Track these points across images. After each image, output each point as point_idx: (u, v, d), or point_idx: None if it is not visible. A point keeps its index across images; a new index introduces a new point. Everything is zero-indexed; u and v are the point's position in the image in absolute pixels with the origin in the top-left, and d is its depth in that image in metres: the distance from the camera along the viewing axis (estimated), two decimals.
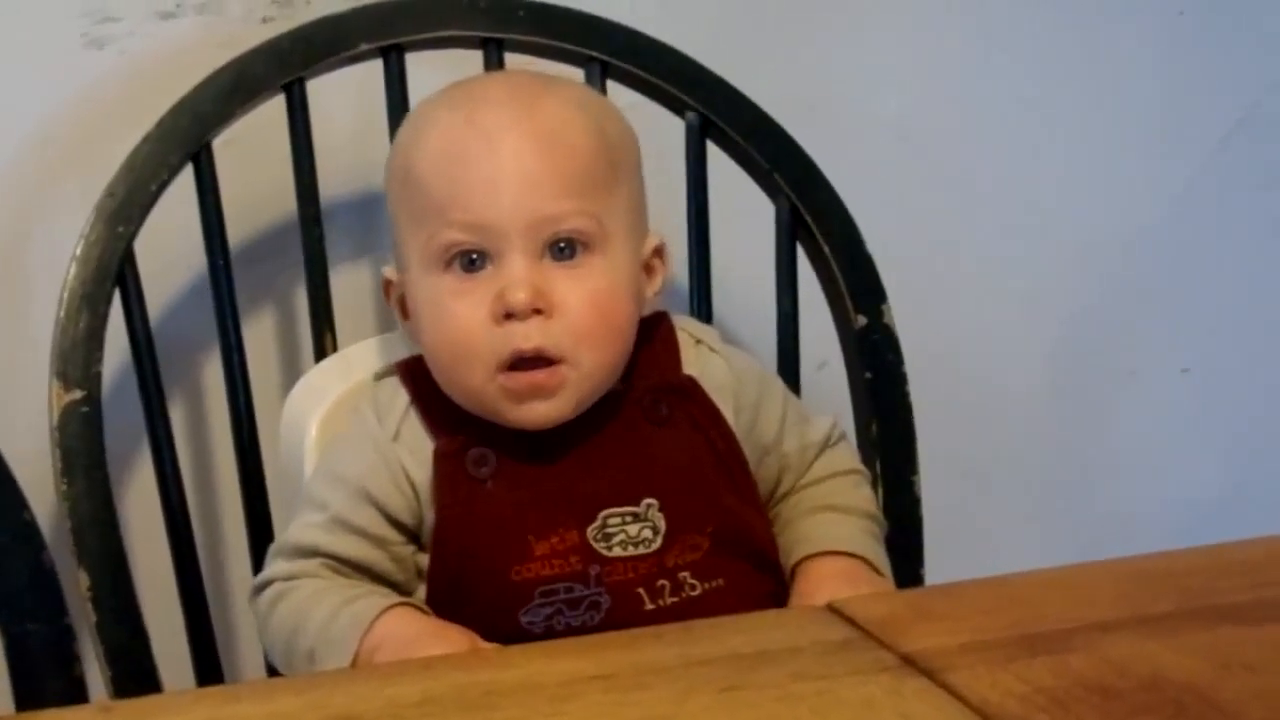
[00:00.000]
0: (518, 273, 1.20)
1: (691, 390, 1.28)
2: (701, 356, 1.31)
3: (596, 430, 1.24)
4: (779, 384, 1.36)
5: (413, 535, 1.25)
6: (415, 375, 1.27)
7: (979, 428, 1.85)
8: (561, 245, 1.21)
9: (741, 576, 1.26)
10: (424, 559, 1.24)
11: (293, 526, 1.26)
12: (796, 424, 1.33)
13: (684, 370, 1.30)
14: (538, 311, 1.20)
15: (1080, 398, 1.94)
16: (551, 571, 1.22)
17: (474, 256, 1.21)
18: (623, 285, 1.24)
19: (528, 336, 1.20)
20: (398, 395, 1.27)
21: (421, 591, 1.24)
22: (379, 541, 1.24)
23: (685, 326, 1.33)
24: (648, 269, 1.29)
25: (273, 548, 1.27)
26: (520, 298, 1.19)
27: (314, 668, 1.19)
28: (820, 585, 1.24)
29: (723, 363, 1.31)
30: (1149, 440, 1.97)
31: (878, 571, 1.28)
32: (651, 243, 1.29)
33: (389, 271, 1.30)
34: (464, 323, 1.21)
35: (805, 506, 1.32)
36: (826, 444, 1.34)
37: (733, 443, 1.28)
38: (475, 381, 1.21)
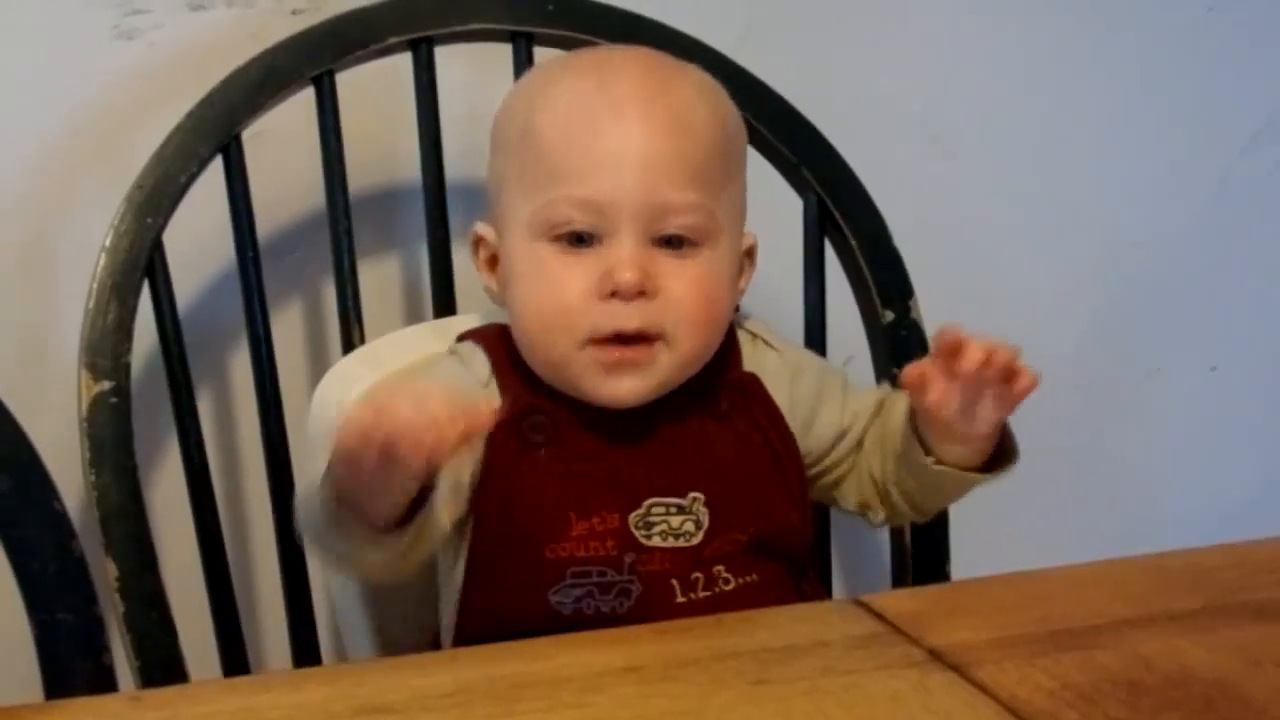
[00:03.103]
0: (627, 253, 1.20)
1: (754, 388, 1.28)
2: (759, 352, 1.31)
3: (655, 418, 1.24)
4: (840, 375, 1.36)
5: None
6: (489, 341, 1.27)
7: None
8: (671, 237, 1.21)
9: (775, 575, 1.26)
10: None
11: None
12: (858, 402, 1.34)
13: (744, 367, 1.30)
14: (641, 294, 1.20)
15: (1107, 395, 1.94)
16: (586, 554, 1.21)
17: (585, 235, 1.21)
18: (725, 277, 1.25)
19: (630, 316, 1.20)
20: (477, 354, 1.27)
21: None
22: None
23: (742, 323, 1.33)
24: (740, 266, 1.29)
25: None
26: (628, 278, 1.19)
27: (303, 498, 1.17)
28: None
29: (777, 357, 1.31)
30: (1176, 438, 1.97)
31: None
32: (747, 240, 1.29)
33: (482, 228, 1.29)
34: (567, 292, 1.20)
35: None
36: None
37: (791, 444, 1.28)
38: (565, 351, 1.21)
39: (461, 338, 1.30)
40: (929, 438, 1.25)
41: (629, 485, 1.23)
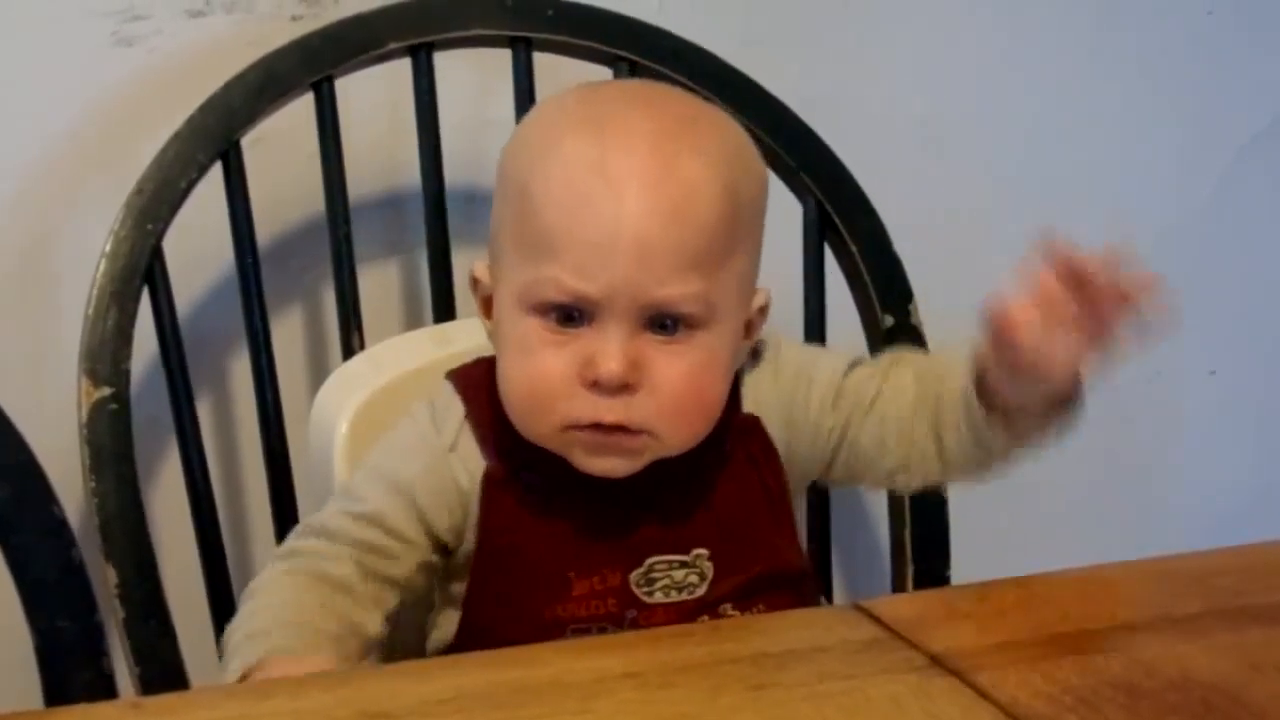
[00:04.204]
0: (613, 345, 1.14)
1: (753, 429, 1.24)
2: (753, 379, 1.26)
3: (654, 475, 1.19)
4: (831, 353, 1.30)
5: (446, 549, 1.22)
6: (471, 387, 1.23)
7: None
8: (665, 323, 1.16)
9: (779, 601, 1.24)
10: (456, 583, 1.23)
11: (326, 510, 1.22)
12: (838, 380, 1.26)
13: (744, 405, 1.25)
14: (625, 386, 1.14)
15: (1107, 399, 1.94)
16: (587, 613, 1.19)
17: (573, 314, 1.15)
18: (721, 362, 1.19)
19: (611, 409, 1.14)
20: (454, 403, 1.23)
21: (443, 594, 1.23)
22: (410, 547, 1.20)
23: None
24: (747, 327, 1.23)
25: (300, 525, 1.24)
26: (612, 372, 1.13)
27: (226, 646, 1.16)
28: None
29: (769, 381, 1.26)
30: (1176, 442, 1.97)
31: None
32: (757, 302, 1.23)
33: (480, 270, 1.23)
34: (549, 375, 1.15)
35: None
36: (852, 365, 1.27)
37: (780, 479, 1.25)
38: (548, 429, 1.17)
39: (450, 374, 1.26)
40: (998, 385, 1.17)
41: (631, 544, 1.20)
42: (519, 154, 1.21)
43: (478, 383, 1.23)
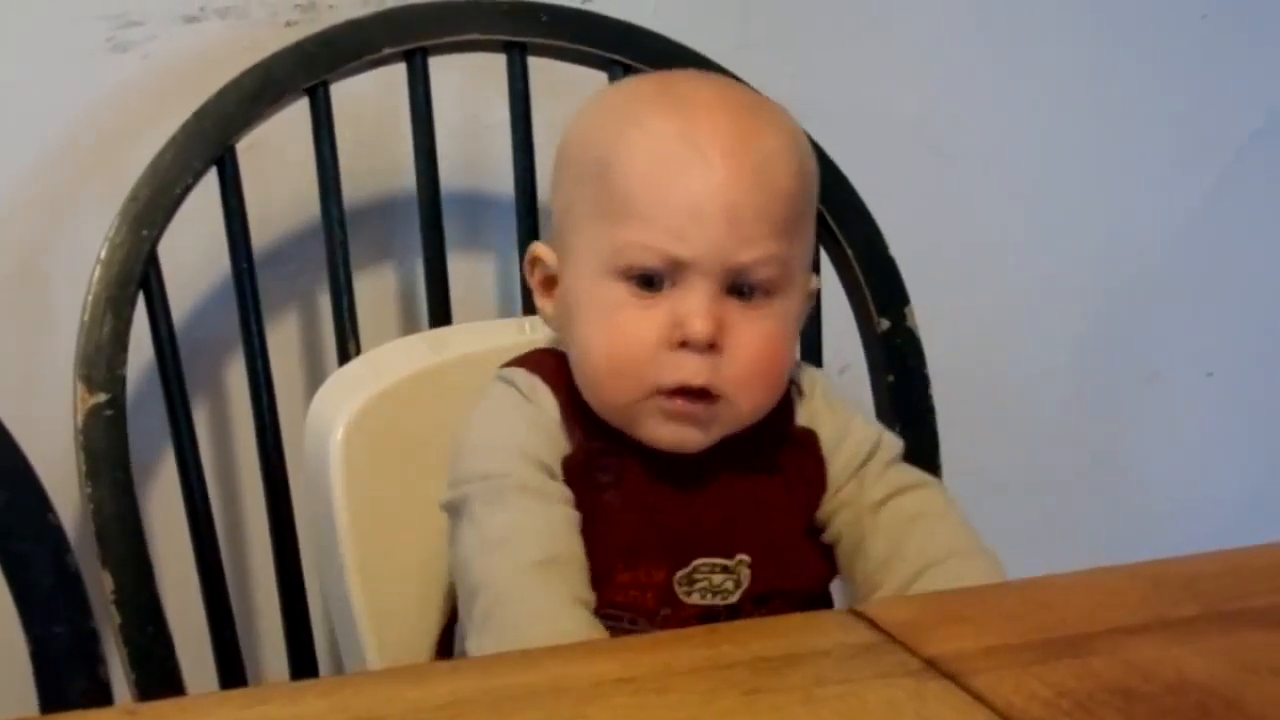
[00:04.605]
0: (701, 305, 1.18)
1: (809, 443, 1.27)
2: (807, 410, 1.29)
3: (715, 469, 1.23)
4: (887, 450, 1.30)
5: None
6: (544, 371, 1.24)
7: (1002, 431, 1.85)
8: (746, 288, 1.20)
9: (796, 606, 1.25)
10: None
11: (478, 518, 1.19)
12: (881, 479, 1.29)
13: (798, 419, 1.28)
14: (711, 346, 1.18)
15: (1103, 401, 1.94)
16: (625, 600, 1.21)
17: (654, 279, 1.19)
18: (791, 329, 1.24)
19: (698, 371, 1.18)
20: (538, 386, 1.24)
21: None
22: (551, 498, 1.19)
23: (799, 375, 1.30)
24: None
25: (472, 543, 1.19)
26: (700, 330, 1.17)
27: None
28: None
29: (831, 416, 1.28)
30: (1173, 444, 1.97)
31: None
32: (814, 283, 1.28)
33: (542, 249, 1.26)
34: (635, 340, 1.18)
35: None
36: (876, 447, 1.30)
37: (819, 500, 1.27)
38: (630, 396, 1.19)
39: (512, 364, 1.26)
40: None
41: (680, 542, 1.22)
42: (594, 131, 1.25)
43: (552, 371, 1.24)
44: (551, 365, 1.25)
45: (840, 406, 1.31)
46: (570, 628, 1.14)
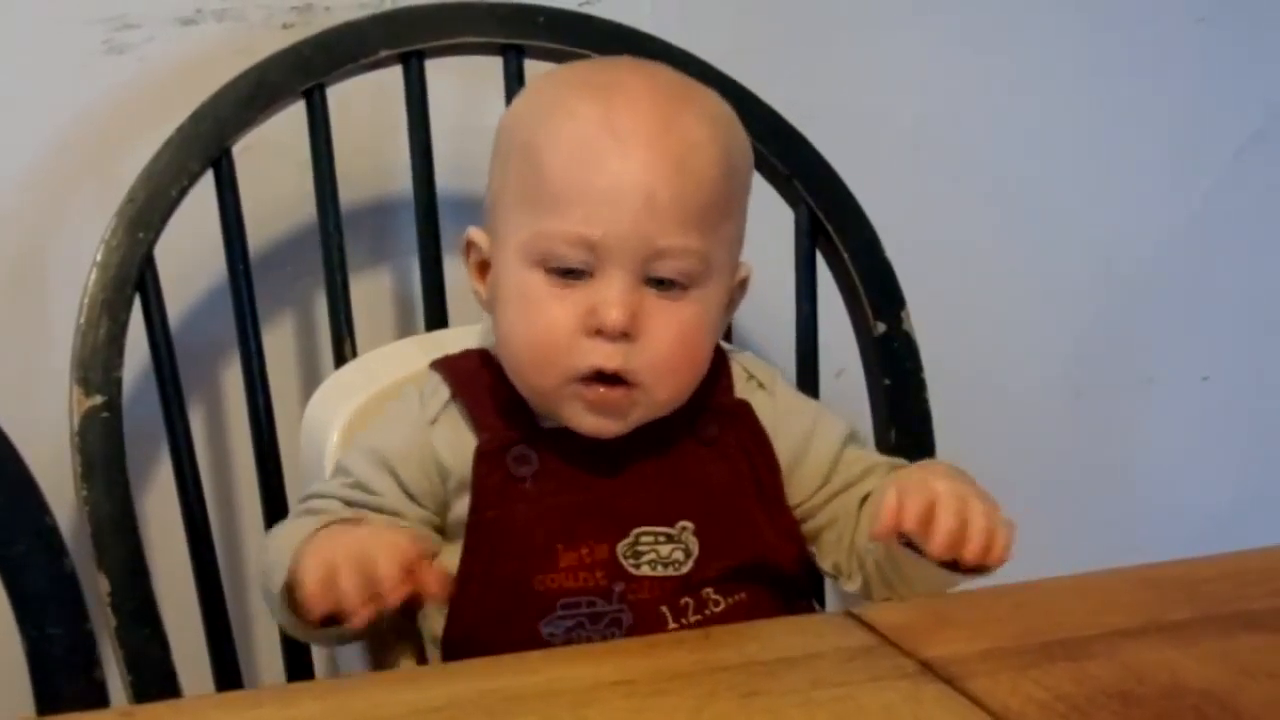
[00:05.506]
0: (615, 293, 1.18)
1: (743, 414, 1.28)
2: (749, 389, 1.30)
3: (642, 444, 1.24)
4: (842, 426, 1.31)
5: (431, 515, 1.25)
6: (458, 371, 1.27)
7: (998, 435, 1.85)
8: (662, 280, 1.20)
9: (763, 595, 1.25)
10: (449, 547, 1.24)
11: (314, 485, 1.26)
12: (853, 457, 1.30)
13: (736, 395, 1.29)
14: (625, 335, 1.19)
15: (1099, 405, 1.94)
16: (575, 584, 1.21)
17: (574, 269, 1.20)
18: (710, 320, 1.24)
19: (611, 357, 1.19)
20: (440, 387, 1.26)
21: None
22: (394, 512, 1.23)
23: (744, 363, 1.32)
24: (729, 299, 1.28)
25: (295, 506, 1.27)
26: (615, 318, 1.18)
27: (266, 567, 1.18)
28: (927, 473, 1.18)
29: (766, 398, 1.30)
30: (1168, 448, 1.97)
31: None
32: (742, 272, 1.28)
33: (476, 234, 1.27)
34: (553, 326, 1.20)
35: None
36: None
37: (775, 473, 1.27)
38: (550, 383, 1.21)
39: (434, 364, 1.29)
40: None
41: (617, 515, 1.23)
42: (522, 117, 1.26)
43: (465, 366, 1.27)
44: (473, 364, 1.28)
45: (802, 400, 1.33)
46: (308, 522, 1.18)
